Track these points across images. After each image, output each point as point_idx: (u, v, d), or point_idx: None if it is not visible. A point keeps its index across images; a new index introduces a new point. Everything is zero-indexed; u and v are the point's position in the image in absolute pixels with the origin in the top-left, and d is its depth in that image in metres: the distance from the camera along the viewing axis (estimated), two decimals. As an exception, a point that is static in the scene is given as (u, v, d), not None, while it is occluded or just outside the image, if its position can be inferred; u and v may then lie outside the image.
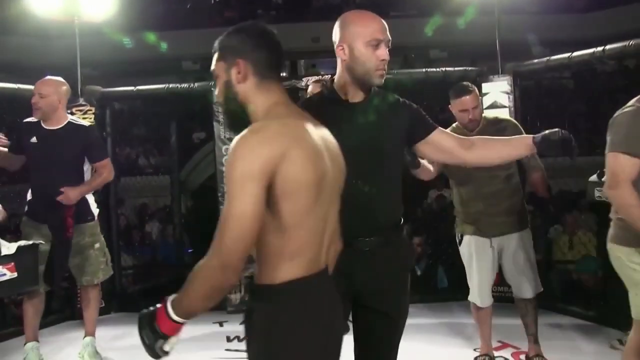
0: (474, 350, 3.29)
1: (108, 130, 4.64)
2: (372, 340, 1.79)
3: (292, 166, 1.20)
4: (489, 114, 3.42)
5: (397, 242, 1.82)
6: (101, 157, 3.37)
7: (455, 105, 2.96)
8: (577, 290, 4.18)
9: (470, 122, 2.93)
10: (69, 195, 3.13)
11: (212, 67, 1.40)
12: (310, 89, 3.56)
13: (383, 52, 1.73)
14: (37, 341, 3.28)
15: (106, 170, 3.34)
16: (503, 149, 1.94)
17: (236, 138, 1.23)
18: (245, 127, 1.26)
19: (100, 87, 4.65)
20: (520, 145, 1.91)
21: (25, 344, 3.24)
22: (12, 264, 2.75)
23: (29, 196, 3.34)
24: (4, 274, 2.72)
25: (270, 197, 1.21)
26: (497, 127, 2.92)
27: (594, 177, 3.03)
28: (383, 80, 1.77)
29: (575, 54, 3.84)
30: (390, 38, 1.77)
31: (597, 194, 3.00)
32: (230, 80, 1.35)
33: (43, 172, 3.23)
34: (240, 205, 1.18)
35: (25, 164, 3.34)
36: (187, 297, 1.25)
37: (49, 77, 3.34)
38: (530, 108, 4.54)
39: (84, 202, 3.31)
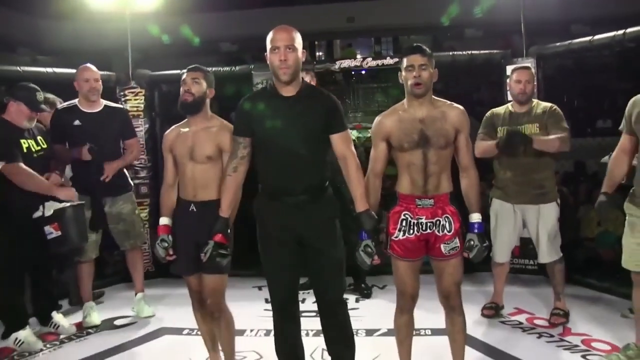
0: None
1: (157, 111, 4.88)
2: (314, 268, 2.39)
3: None
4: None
5: (321, 199, 2.35)
6: (133, 136, 3.80)
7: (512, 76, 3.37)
8: (597, 264, 4.32)
9: (520, 94, 3.28)
10: (107, 170, 3.52)
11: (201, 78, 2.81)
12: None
13: (280, 55, 2.19)
14: (92, 301, 3.73)
15: (136, 148, 3.80)
16: (350, 185, 2.33)
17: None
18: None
19: (149, 71, 4.90)
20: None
21: (83, 304, 3.70)
22: (56, 223, 3.10)
23: (69, 173, 3.64)
24: (51, 232, 3.11)
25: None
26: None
27: (606, 159, 3.12)
28: (288, 77, 2.21)
29: (597, 37, 3.91)
30: (295, 44, 2.20)
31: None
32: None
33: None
34: None
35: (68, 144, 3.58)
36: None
37: (90, 64, 3.64)
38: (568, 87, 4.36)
39: (123, 175, 3.72)
